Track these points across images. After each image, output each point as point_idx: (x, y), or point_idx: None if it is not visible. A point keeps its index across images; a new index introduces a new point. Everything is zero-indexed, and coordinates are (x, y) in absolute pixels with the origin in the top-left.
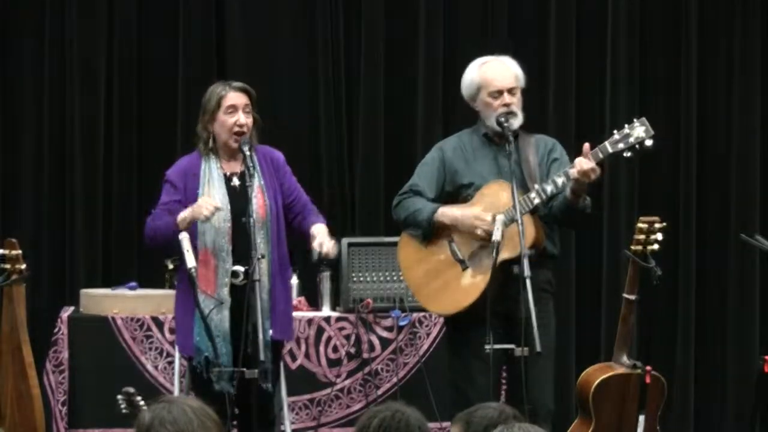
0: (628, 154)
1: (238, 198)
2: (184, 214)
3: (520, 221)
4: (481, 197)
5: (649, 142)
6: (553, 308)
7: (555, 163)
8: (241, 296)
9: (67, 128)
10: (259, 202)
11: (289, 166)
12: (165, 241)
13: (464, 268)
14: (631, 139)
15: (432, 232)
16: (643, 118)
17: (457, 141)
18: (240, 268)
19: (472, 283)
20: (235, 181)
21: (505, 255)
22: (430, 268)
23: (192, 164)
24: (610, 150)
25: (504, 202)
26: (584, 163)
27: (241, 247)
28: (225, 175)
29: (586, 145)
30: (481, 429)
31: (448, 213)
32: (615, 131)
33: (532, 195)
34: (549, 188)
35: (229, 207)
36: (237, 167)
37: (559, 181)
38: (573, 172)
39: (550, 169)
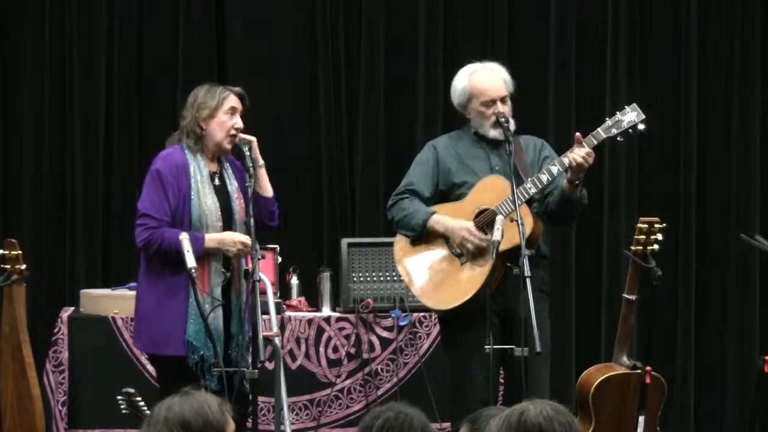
0: (621, 138)
1: (221, 198)
2: (210, 244)
3: (518, 216)
4: (477, 191)
5: (641, 126)
6: (548, 308)
7: (546, 161)
8: (224, 297)
9: (67, 128)
10: (239, 203)
11: (289, 166)
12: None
13: (463, 262)
14: (624, 124)
15: (423, 236)
16: (634, 104)
17: (448, 140)
18: (222, 269)
19: (472, 275)
20: (217, 181)
21: (503, 246)
22: (428, 265)
23: (180, 160)
24: (604, 135)
25: (500, 192)
26: (578, 152)
27: None
28: (210, 174)
29: (578, 134)
30: (487, 425)
31: (441, 222)
32: (607, 118)
33: (528, 185)
34: (544, 177)
35: (218, 207)
36: (214, 167)
37: (554, 169)
38: (569, 157)
39: (542, 166)
